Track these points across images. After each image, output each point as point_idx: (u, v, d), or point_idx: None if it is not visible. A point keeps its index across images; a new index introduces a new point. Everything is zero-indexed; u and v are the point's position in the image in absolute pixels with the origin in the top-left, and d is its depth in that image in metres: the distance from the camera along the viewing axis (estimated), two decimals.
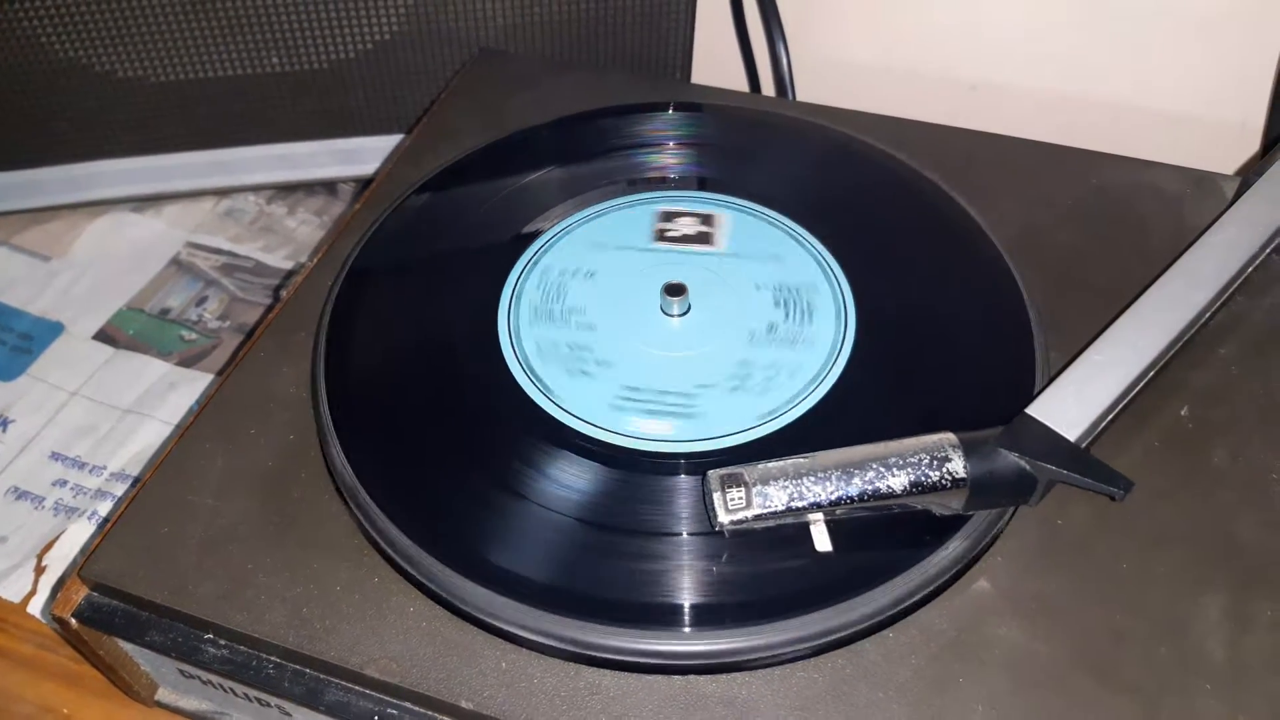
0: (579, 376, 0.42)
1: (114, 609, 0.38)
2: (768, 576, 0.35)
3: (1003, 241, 0.46)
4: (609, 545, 0.36)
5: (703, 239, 0.43)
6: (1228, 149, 0.67)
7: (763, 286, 0.44)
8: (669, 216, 0.43)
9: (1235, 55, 0.62)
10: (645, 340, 0.43)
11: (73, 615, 0.38)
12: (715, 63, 0.73)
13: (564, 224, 0.48)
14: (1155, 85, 0.66)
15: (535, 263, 0.46)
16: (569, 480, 0.38)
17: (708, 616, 0.34)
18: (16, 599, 0.50)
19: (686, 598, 0.35)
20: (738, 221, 0.47)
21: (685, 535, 0.36)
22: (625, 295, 0.45)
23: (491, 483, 0.38)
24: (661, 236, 0.43)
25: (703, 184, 0.50)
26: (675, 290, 0.43)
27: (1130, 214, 0.49)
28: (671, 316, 0.43)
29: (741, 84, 0.73)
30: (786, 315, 0.43)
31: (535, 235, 0.47)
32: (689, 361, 0.42)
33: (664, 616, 0.34)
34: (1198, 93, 0.65)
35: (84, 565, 0.38)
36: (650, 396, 0.41)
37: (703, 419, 0.40)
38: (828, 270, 0.45)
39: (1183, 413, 0.41)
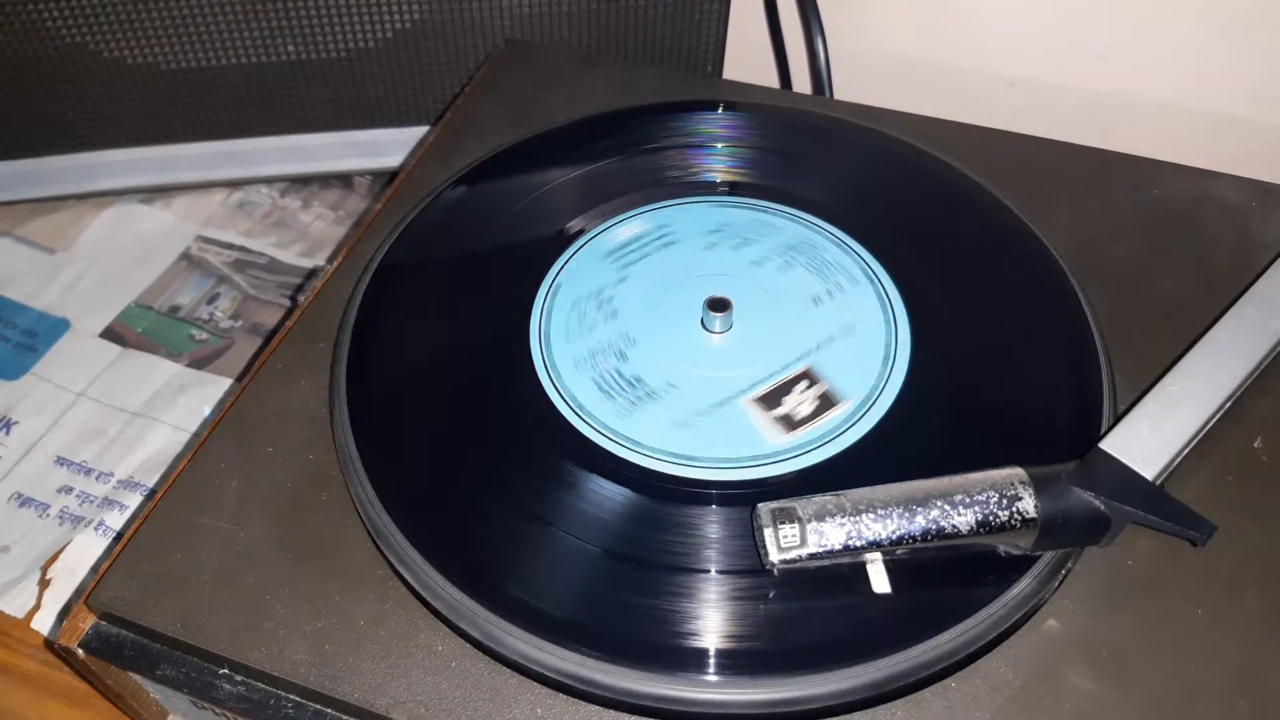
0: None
1: (123, 639, 0.36)
2: (821, 620, 0.33)
3: (1063, 256, 0.44)
4: (655, 584, 0.34)
5: (825, 407, 0.39)
6: (1273, 151, 0.65)
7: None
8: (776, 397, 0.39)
9: None
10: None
11: (79, 645, 0.36)
12: (744, 56, 0.71)
13: (600, 228, 0.45)
14: (1198, 86, 0.63)
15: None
16: (610, 510, 0.36)
17: (758, 663, 0.32)
18: (20, 614, 0.48)
19: (735, 643, 0.32)
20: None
21: (737, 575, 0.34)
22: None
23: (526, 511, 0.36)
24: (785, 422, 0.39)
25: (748, 190, 0.47)
26: (719, 305, 0.41)
27: (1194, 226, 0.47)
28: (713, 333, 0.41)
29: (771, 78, 0.71)
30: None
31: (570, 239, 0.45)
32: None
33: (712, 663, 0.32)
34: (1244, 94, 0.63)
35: (91, 592, 0.36)
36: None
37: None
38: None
39: (1256, 444, 0.39)
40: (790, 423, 0.38)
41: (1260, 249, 0.45)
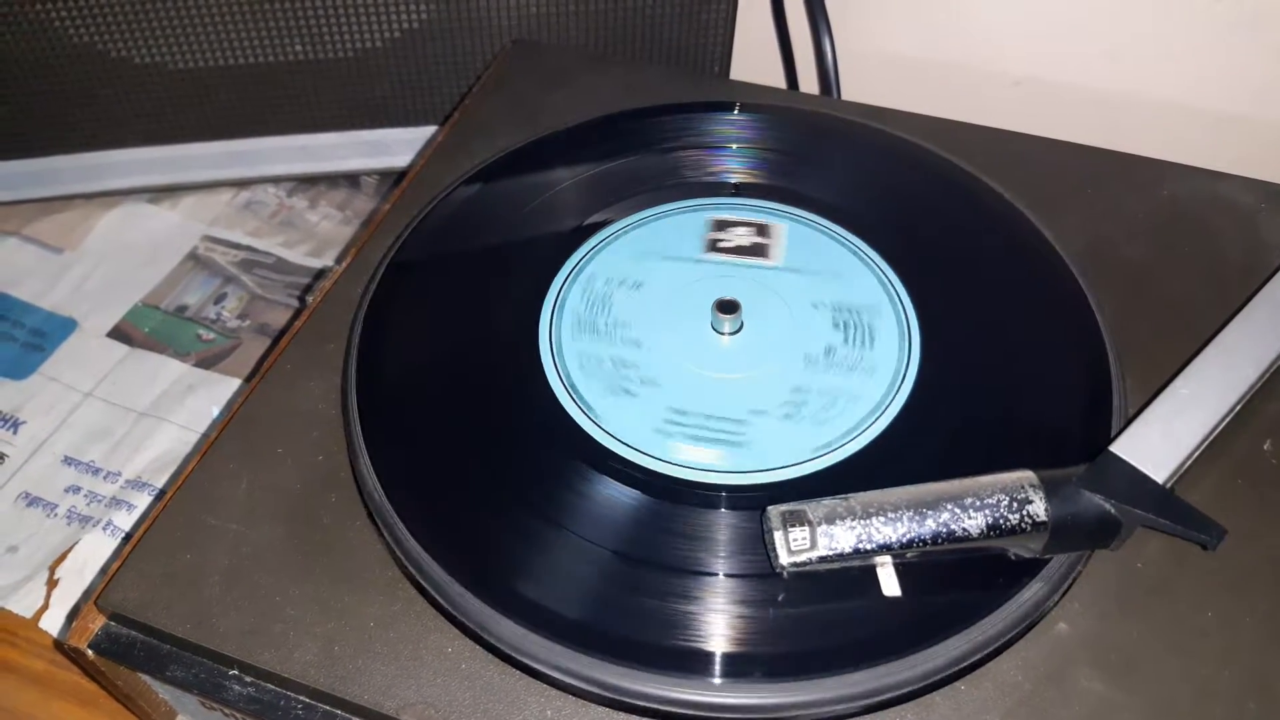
0: (624, 396, 0.39)
1: (133, 640, 0.36)
2: (830, 623, 0.33)
3: (1072, 258, 0.43)
4: (665, 587, 0.34)
5: (757, 251, 0.39)
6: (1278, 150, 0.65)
7: (821, 305, 0.42)
8: (722, 225, 0.39)
9: None
10: (694, 360, 0.40)
11: (89, 646, 0.36)
12: (750, 56, 0.70)
13: (610, 230, 0.45)
14: (1205, 84, 0.63)
15: (580, 271, 0.44)
16: (623, 514, 0.36)
17: (768, 667, 0.32)
18: (28, 614, 0.48)
19: (745, 647, 0.32)
20: (795, 234, 0.45)
21: (746, 579, 0.34)
22: (674, 309, 0.42)
23: (537, 514, 0.36)
24: (714, 247, 0.39)
25: (757, 191, 0.47)
26: (728, 307, 0.41)
27: (1202, 228, 0.46)
28: (722, 335, 0.41)
29: (778, 78, 0.71)
30: (846, 339, 0.41)
31: (580, 241, 0.45)
32: (740, 385, 0.40)
33: (720, 666, 0.32)
34: (1250, 93, 0.63)
35: (101, 593, 0.36)
36: (699, 421, 0.38)
37: (754, 448, 0.38)
38: (891, 290, 0.42)
39: (1265, 447, 0.39)
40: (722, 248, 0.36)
41: (1270, 251, 0.45)
